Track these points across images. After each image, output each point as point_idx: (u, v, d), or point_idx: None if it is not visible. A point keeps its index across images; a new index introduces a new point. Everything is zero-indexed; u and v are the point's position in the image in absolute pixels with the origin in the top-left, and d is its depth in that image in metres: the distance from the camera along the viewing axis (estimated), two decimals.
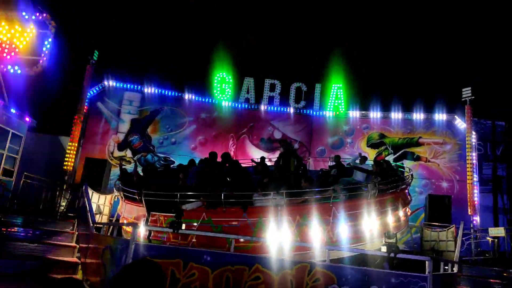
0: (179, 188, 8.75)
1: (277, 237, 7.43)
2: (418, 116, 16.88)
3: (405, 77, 18.48)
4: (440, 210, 13.16)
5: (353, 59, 18.17)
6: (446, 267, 7.69)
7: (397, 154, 16.70)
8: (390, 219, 8.84)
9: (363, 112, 17.40)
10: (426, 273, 5.90)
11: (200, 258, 6.03)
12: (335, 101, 17.51)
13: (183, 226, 6.35)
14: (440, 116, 16.69)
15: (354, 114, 17.41)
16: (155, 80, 17.16)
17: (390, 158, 16.66)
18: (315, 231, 7.87)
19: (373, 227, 8.38)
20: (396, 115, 17.07)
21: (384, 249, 6.98)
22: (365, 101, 17.56)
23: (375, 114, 17.26)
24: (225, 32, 19.59)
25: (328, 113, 17.55)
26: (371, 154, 16.92)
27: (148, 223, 8.19)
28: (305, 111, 17.69)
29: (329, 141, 17.39)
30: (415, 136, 16.73)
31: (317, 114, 17.66)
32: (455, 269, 8.38)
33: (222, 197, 7.70)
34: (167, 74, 17.59)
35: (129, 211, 9.76)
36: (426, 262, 6.04)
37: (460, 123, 16.19)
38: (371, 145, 17.07)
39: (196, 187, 8.71)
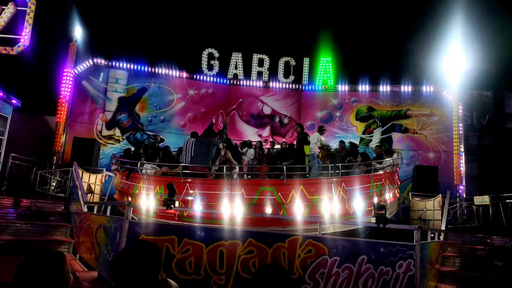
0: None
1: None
2: (406, 88, 16.98)
3: (393, 49, 18.40)
4: (427, 180, 13.47)
5: (341, 32, 17.99)
6: (433, 235, 7.96)
7: (386, 126, 16.89)
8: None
9: (352, 85, 17.43)
10: (414, 241, 6.10)
11: (194, 234, 6.11)
12: (324, 75, 17.49)
13: (177, 203, 6.42)
14: (427, 88, 16.81)
15: (343, 87, 17.43)
16: (141, 57, 16.82)
17: (379, 130, 16.85)
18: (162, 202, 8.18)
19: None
20: (385, 88, 17.15)
21: (373, 220, 7.16)
22: (354, 74, 17.56)
23: (363, 87, 17.31)
24: (212, 6, 19.12)
25: (317, 87, 17.54)
26: (359, 127, 17.10)
27: None
28: (294, 86, 17.63)
29: (318, 115, 17.45)
30: (403, 109, 16.89)
31: (306, 88, 17.62)
32: (442, 237, 8.69)
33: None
34: (154, 50, 17.23)
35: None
36: (414, 231, 6.23)
37: (447, 94, 16.35)
38: (360, 118, 17.20)
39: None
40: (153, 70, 16.93)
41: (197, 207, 8.40)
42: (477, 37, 16.33)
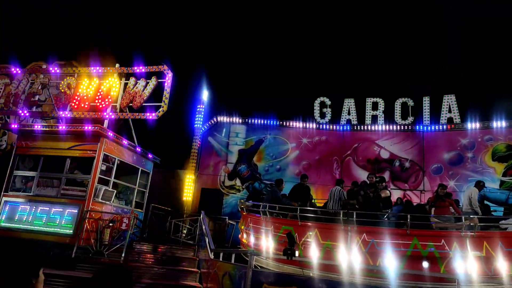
0: None
1: None
2: None
3: None
4: None
5: (466, 66, 16.56)
6: None
7: None
8: None
9: (484, 122, 15.54)
10: None
11: (314, 286, 5.96)
12: (448, 113, 16.04)
13: (297, 253, 6.40)
14: None
15: (473, 125, 15.65)
16: (258, 111, 18.08)
17: None
18: None
19: None
20: None
21: None
22: (485, 109, 15.72)
23: (499, 124, 15.28)
24: (322, 56, 19.79)
25: (441, 127, 16.12)
26: (498, 168, 14.94)
27: None
28: (414, 127, 16.54)
29: (446, 157, 15.86)
30: None
31: (428, 129, 16.33)
32: None
33: None
34: (268, 103, 18.39)
35: None
36: None
37: None
38: (498, 158, 15.04)
39: None
40: (268, 122, 17.92)
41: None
42: None
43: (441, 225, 8.50)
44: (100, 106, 12.21)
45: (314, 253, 8.39)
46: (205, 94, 16.74)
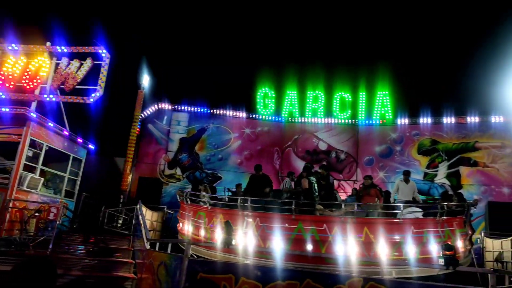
0: None
1: None
2: (473, 119, 15.98)
3: (456, 79, 17.63)
4: (502, 218, 12.27)
5: (399, 65, 17.67)
6: None
7: (452, 160, 15.88)
8: None
9: (412, 118, 16.80)
10: (489, 287, 5.52)
11: (251, 273, 6.08)
12: (381, 108, 17.08)
13: (234, 242, 6.48)
14: (497, 119, 15.68)
15: (403, 121, 16.85)
16: (201, 99, 17.80)
17: (444, 164, 15.87)
18: None
19: None
20: (449, 120, 16.29)
21: (442, 261, 6.63)
22: (414, 106, 16.96)
23: (425, 120, 16.60)
24: (267, 47, 19.92)
25: (375, 121, 17.13)
26: (423, 161, 16.26)
27: None
28: (350, 121, 17.39)
29: (377, 150, 16.92)
30: (470, 141, 15.83)
31: (363, 123, 17.28)
32: None
33: None
34: (212, 92, 18.17)
35: None
36: (489, 275, 5.65)
37: None
38: (423, 152, 16.38)
39: None
40: (211, 112, 17.77)
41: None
42: None
43: (322, 211, 9.23)
44: (28, 87, 11.26)
45: (218, 237, 8.87)
46: (146, 79, 16.09)
